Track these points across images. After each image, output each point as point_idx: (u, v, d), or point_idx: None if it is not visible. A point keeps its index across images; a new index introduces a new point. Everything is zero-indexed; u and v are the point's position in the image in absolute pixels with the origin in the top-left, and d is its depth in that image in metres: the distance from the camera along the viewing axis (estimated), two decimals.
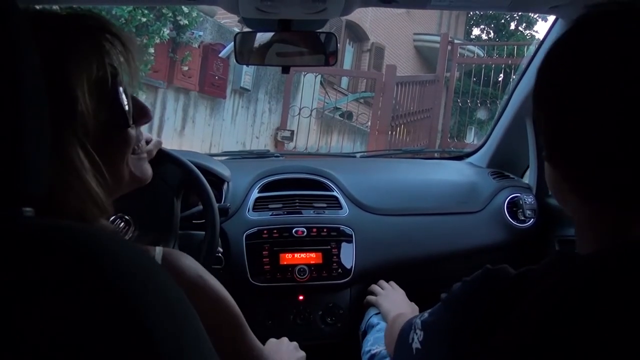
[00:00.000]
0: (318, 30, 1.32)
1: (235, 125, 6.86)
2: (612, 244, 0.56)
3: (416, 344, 0.69)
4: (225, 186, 1.44)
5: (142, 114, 0.66)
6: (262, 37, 1.34)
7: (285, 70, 1.42)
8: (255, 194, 1.51)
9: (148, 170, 0.69)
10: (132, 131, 0.64)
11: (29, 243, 0.36)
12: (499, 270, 0.61)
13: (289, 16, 1.24)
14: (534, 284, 0.55)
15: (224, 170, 1.39)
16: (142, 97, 4.77)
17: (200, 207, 1.27)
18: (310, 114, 7.18)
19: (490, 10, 9.84)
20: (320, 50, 1.34)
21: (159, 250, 0.64)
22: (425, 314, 0.72)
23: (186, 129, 6.17)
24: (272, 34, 1.32)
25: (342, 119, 8.38)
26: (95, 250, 0.38)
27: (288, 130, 7.29)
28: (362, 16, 10.82)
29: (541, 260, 0.58)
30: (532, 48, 1.55)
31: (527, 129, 1.61)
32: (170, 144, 5.70)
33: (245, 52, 1.36)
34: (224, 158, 1.80)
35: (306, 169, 1.61)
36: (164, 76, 5.69)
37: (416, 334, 0.70)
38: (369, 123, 7.73)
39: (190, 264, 0.67)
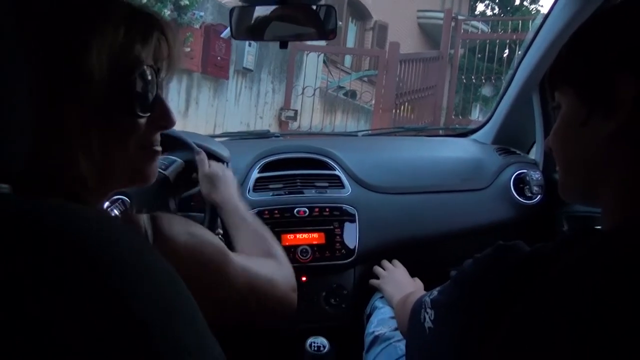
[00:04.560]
0: (317, 4, 1.27)
1: (238, 106, 6.81)
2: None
3: (428, 323, 0.68)
4: (224, 166, 1.39)
5: (163, 118, 0.63)
6: (259, 12, 1.29)
7: (284, 45, 1.37)
8: (255, 174, 1.47)
9: (152, 170, 0.65)
10: (141, 121, 0.60)
11: (1, 221, 0.35)
12: (512, 247, 0.59)
13: None
14: (553, 259, 0.53)
15: (223, 151, 1.35)
16: None
17: (197, 188, 1.23)
18: (314, 93, 7.14)
19: None
20: (319, 25, 1.29)
21: (145, 217, 0.60)
22: (435, 292, 0.70)
23: (190, 110, 6.13)
24: (270, 9, 1.27)
25: (345, 97, 8.30)
26: (71, 229, 0.37)
27: (292, 109, 7.24)
28: None
29: (549, 236, 0.55)
30: (537, 22, 1.48)
31: (533, 103, 1.56)
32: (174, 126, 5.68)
33: (242, 28, 1.31)
34: (223, 139, 1.75)
35: (307, 148, 1.57)
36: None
37: (427, 312, 0.69)
38: (373, 101, 7.64)
39: (179, 227, 0.63)
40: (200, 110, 6.27)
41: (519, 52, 1.61)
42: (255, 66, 6.82)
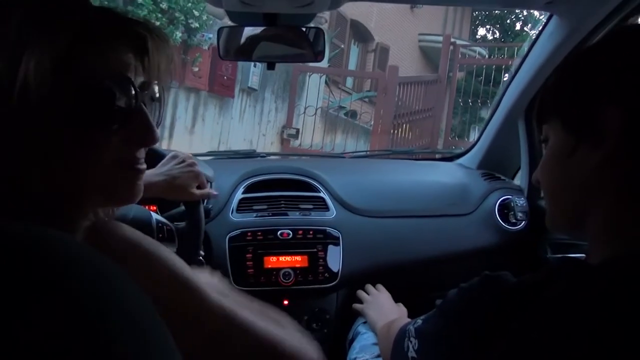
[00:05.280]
0: (306, 26, 1.24)
1: (243, 124, 6.85)
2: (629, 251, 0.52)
3: (412, 353, 0.66)
4: (208, 187, 1.35)
5: (141, 134, 0.55)
6: (248, 33, 1.26)
7: (271, 66, 1.33)
8: (239, 194, 1.42)
9: (134, 189, 0.57)
10: (113, 136, 0.53)
11: None
12: (498, 277, 0.57)
13: (275, 10, 1.15)
14: (539, 292, 0.52)
15: (207, 171, 1.30)
16: None
17: (182, 208, 1.18)
18: (315, 113, 7.14)
19: (484, 6, 9.69)
20: (308, 46, 1.25)
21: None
22: (419, 321, 0.68)
23: (196, 127, 6.18)
24: (258, 30, 1.24)
25: (346, 117, 8.30)
26: (33, 251, 0.34)
27: (294, 128, 7.27)
28: (367, 16, 10.73)
29: (533, 263, 0.52)
30: (525, 47, 1.45)
31: (518, 129, 1.52)
32: (181, 141, 5.72)
33: (230, 48, 1.28)
34: (208, 158, 1.71)
35: (292, 169, 1.53)
36: (176, 77, 5.68)
37: (411, 342, 0.66)
38: (372, 122, 7.64)
39: (125, 232, 0.55)
40: (206, 127, 6.31)
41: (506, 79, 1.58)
42: (259, 86, 6.89)
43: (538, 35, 1.36)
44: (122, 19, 0.54)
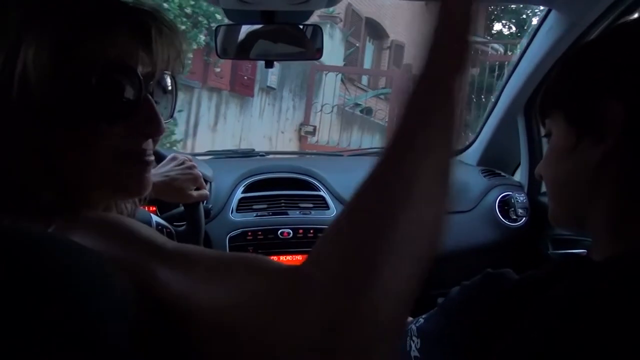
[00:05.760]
0: (304, 23, 1.20)
1: (262, 121, 6.91)
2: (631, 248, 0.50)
3: (414, 352, 0.64)
4: (207, 187, 1.33)
5: (147, 125, 0.51)
6: (245, 31, 1.23)
7: (269, 64, 1.30)
8: (239, 194, 1.39)
9: (142, 182, 0.53)
10: (116, 128, 0.49)
11: None
12: (500, 275, 0.56)
13: (272, 7, 1.12)
14: (540, 289, 0.50)
15: (207, 170, 1.28)
16: (180, 97, 4.88)
17: (181, 208, 1.17)
18: (332, 110, 7.16)
19: (486, 1, 9.54)
20: (306, 44, 1.22)
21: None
22: (421, 320, 0.66)
23: (218, 124, 6.26)
24: (255, 27, 1.21)
25: (362, 114, 8.28)
26: (23, 252, 0.33)
27: (311, 125, 7.31)
28: (382, 14, 10.61)
29: (534, 259, 0.49)
30: (524, 42, 1.39)
31: (518, 125, 1.48)
32: (204, 138, 5.80)
33: (228, 47, 1.25)
34: (207, 157, 1.68)
35: (292, 168, 1.50)
36: (199, 77, 5.78)
37: (413, 341, 0.65)
38: (387, 118, 7.59)
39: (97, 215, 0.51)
40: (228, 125, 6.39)
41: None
42: (278, 85, 6.93)
43: (536, 30, 1.32)
44: (125, 8, 0.51)
